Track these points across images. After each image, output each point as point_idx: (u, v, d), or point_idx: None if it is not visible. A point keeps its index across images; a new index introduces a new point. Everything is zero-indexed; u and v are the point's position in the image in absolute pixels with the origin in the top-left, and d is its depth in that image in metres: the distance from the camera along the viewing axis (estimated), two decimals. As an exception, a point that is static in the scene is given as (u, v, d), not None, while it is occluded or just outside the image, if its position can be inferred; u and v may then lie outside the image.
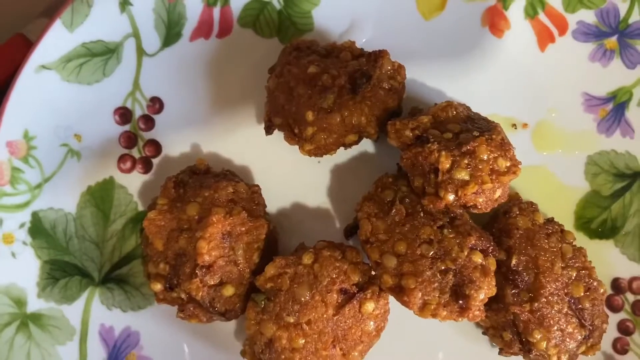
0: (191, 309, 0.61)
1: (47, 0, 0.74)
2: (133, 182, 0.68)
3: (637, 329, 0.68)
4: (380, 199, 0.63)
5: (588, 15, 0.71)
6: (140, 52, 0.68)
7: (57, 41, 0.63)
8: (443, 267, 0.58)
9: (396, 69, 0.66)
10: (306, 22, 0.73)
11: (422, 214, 0.61)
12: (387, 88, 0.65)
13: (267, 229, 0.63)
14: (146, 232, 0.60)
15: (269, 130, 0.68)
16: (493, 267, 0.60)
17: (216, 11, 0.70)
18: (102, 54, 0.66)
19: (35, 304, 0.61)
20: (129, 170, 0.68)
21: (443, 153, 0.58)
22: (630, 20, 0.70)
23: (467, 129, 0.61)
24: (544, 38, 0.72)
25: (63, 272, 0.63)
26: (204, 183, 0.63)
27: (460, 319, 0.59)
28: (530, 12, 0.72)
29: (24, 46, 0.70)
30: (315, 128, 0.64)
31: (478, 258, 0.59)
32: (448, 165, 0.58)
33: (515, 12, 0.72)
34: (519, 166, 0.60)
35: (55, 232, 0.63)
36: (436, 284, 0.58)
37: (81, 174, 0.65)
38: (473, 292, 0.58)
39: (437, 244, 0.59)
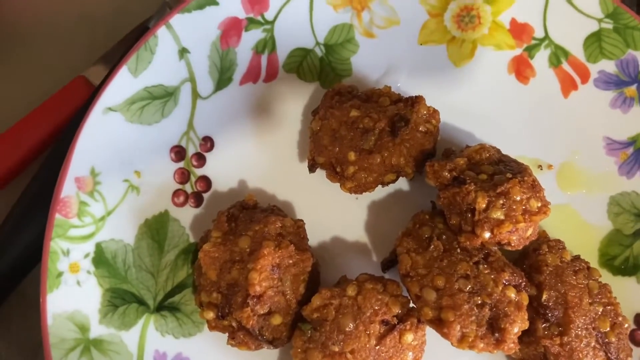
0: (241, 336, 0.65)
1: (108, 43, 0.80)
2: (185, 215, 0.72)
3: (660, 362, 0.72)
4: (418, 235, 0.67)
5: (609, 66, 0.76)
6: (195, 95, 0.73)
7: (122, 85, 0.68)
8: (480, 301, 0.62)
9: (431, 114, 0.72)
10: (345, 68, 0.78)
11: (458, 250, 0.65)
12: (424, 131, 0.70)
13: (312, 261, 0.67)
14: (201, 263, 0.65)
15: (312, 169, 0.72)
16: (525, 302, 0.63)
17: (264, 58, 0.76)
18: (162, 97, 0.71)
19: (97, 329, 0.65)
20: (182, 204, 0.72)
21: (480, 193, 0.63)
22: (648, 71, 0.76)
23: (500, 171, 0.66)
24: (567, 85, 0.78)
25: (122, 299, 0.67)
26: (254, 217, 0.68)
27: (495, 351, 0.62)
28: (555, 62, 0.78)
29: (86, 88, 0.76)
30: (357, 167, 0.69)
31: (512, 293, 0.63)
32: (484, 205, 0.63)
33: (540, 61, 0.78)
34: (549, 206, 0.65)
35: (116, 262, 0.67)
36: (473, 317, 0.61)
37: (139, 208, 0.70)
38: (508, 326, 0.61)
39: (473, 279, 0.63)
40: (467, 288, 0.62)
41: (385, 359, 0.62)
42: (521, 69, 0.78)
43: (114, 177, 0.68)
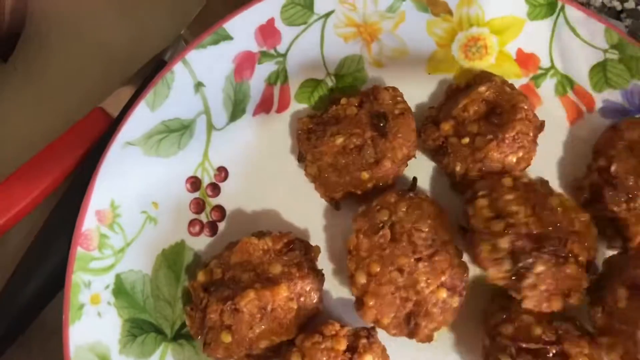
0: (197, 318, 0.67)
1: (124, 72, 0.82)
2: (201, 244, 0.74)
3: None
4: (374, 217, 0.68)
5: (614, 95, 0.78)
6: (210, 127, 0.75)
7: (140, 119, 0.70)
8: (404, 295, 0.65)
9: (394, 94, 0.74)
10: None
11: (404, 244, 0.66)
12: (401, 113, 0.72)
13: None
14: None
15: (337, 206, 0.75)
16: (455, 305, 0.66)
17: (276, 89, 0.78)
18: (178, 130, 0.73)
19: (117, 359, 0.67)
20: (198, 234, 0.74)
21: (457, 163, 0.72)
22: (653, 100, 0.77)
23: (485, 130, 0.72)
24: (573, 114, 0.79)
25: (141, 329, 0.69)
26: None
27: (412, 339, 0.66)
28: (560, 91, 0.79)
29: (103, 119, 0.78)
30: (374, 181, 0.71)
31: (442, 295, 0.65)
32: (462, 172, 0.72)
33: (547, 90, 0.80)
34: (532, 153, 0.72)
35: (135, 292, 0.69)
36: (393, 308, 0.65)
37: (157, 238, 0.71)
38: (423, 323, 0.65)
39: (407, 274, 0.65)
40: (398, 281, 0.65)
41: None
42: (528, 97, 0.79)
43: (132, 209, 0.70)
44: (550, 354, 0.63)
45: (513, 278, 0.65)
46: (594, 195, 0.73)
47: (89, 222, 0.67)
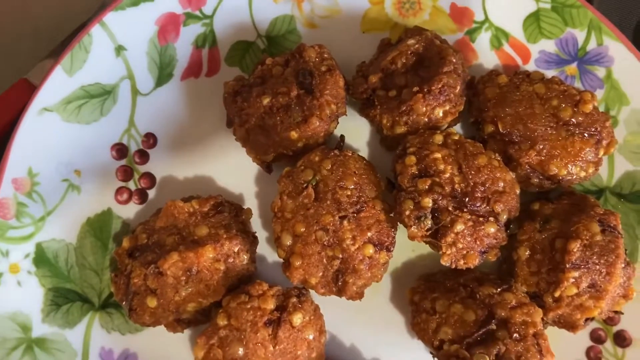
0: (121, 284, 0.66)
1: (51, 45, 0.80)
2: (130, 212, 0.72)
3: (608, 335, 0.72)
4: (298, 177, 0.67)
5: (549, 45, 0.77)
6: (135, 92, 0.73)
7: (57, 85, 0.69)
8: (331, 254, 0.64)
9: (320, 51, 0.72)
10: (288, 59, 0.78)
11: (328, 202, 0.65)
12: (327, 69, 0.71)
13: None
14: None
15: (269, 169, 0.73)
16: (383, 261, 0.65)
17: (204, 52, 0.76)
18: (100, 95, 0.71)
19: (39, 329, 0.65)
20: (126, 202, 0.73)
21: (384, 116, 0.70)
22: (588, 48, 0.76)
23: (412, 82, 0.70)
24: (509, 67, 0.78)
25: (65, 298, 0.67)
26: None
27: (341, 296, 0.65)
28: (496, 44, 0.78)
29: (28, 90, 0.76)
30: (304, 140, 0.69)
31: (369, 250, 0.64)
32: (389, 125, 0.70)
33: (482, 44, 0.78)
34: (458, 106, 0.70)
35: (58, 262, 0.68)
36: (321, 267, 0.64)
37: (81, 207, 0.70)
38: (350, 280, 0.64)
39: (332, 232, 0.64)
40: (323, 240, 0.64)
41: (290, 351, 0.62)
42: (463, 52, 0.78)
43: (52, 177, 0.68)
44: (494, 328, 0.62)
45: (432, 236, 0.64)
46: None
47: (5, 190, 0.66)
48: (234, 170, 0.75)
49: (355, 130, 0.77)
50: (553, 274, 0.65)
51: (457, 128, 0.77)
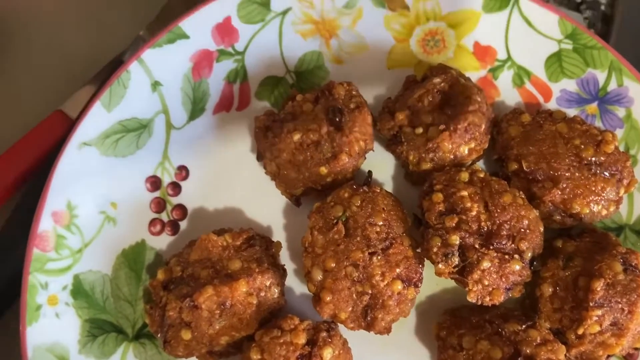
0: (156, 316, 0.67)
1: (85, 76, 0.82)
2: (162, 243, 0.74)
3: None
4: (328, 213, 0.69)
5: (570, 84, 0.79)
6: (169, 126, 0.75)
7: (96, 120, 0.71)
8: (360, 289, 0.66)
9: (349, 88, 0.74)
10: (316, 93, 0.81)
11: (358, 238, 0.67)
12: (356, 107, 0.73)
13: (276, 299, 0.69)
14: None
15: (298, 202, 0.75)
16: (411, 297, 0.67)
17: (236, 87, 0.78)
18: (136, 130, 0.73)
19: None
20: (159, 233, 0.74)
21: (411, 153, 0.72)
22: (609, 88, 0.78)
23: (439, 120, 0.72)
24: (531, 104, 0.80)
25: (101, 329, 0.69)
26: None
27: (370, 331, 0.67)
28: (518, 82, 0.80)
29: (63, 122, 0.78)
30: (333, 175, 0.71)
31: (397, 287, 0.66)
32: (415, 161, 0.73)
33: (504, 82, 0.80)
34: (483, 145, 0.73)
35: (94, 293, 0.69)
36: (350, 302, 0.66)
37: (117, 238, 0.72)
38: (379, 315, 0.66)
39: (362, 268, 0.66)
40: (353, 276, 0.65)
41: None
42: (486, 89, 0.80)
43: (90, 209, 0.70)
44: None
45: (459, 273, 0.66)
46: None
47: (45, 223, 0.67)
48: (262, 202, 0.77)
49: (381, 164, 0.79)
50: (576, 312, 0.66)
51: (480, 164, 0.79)
